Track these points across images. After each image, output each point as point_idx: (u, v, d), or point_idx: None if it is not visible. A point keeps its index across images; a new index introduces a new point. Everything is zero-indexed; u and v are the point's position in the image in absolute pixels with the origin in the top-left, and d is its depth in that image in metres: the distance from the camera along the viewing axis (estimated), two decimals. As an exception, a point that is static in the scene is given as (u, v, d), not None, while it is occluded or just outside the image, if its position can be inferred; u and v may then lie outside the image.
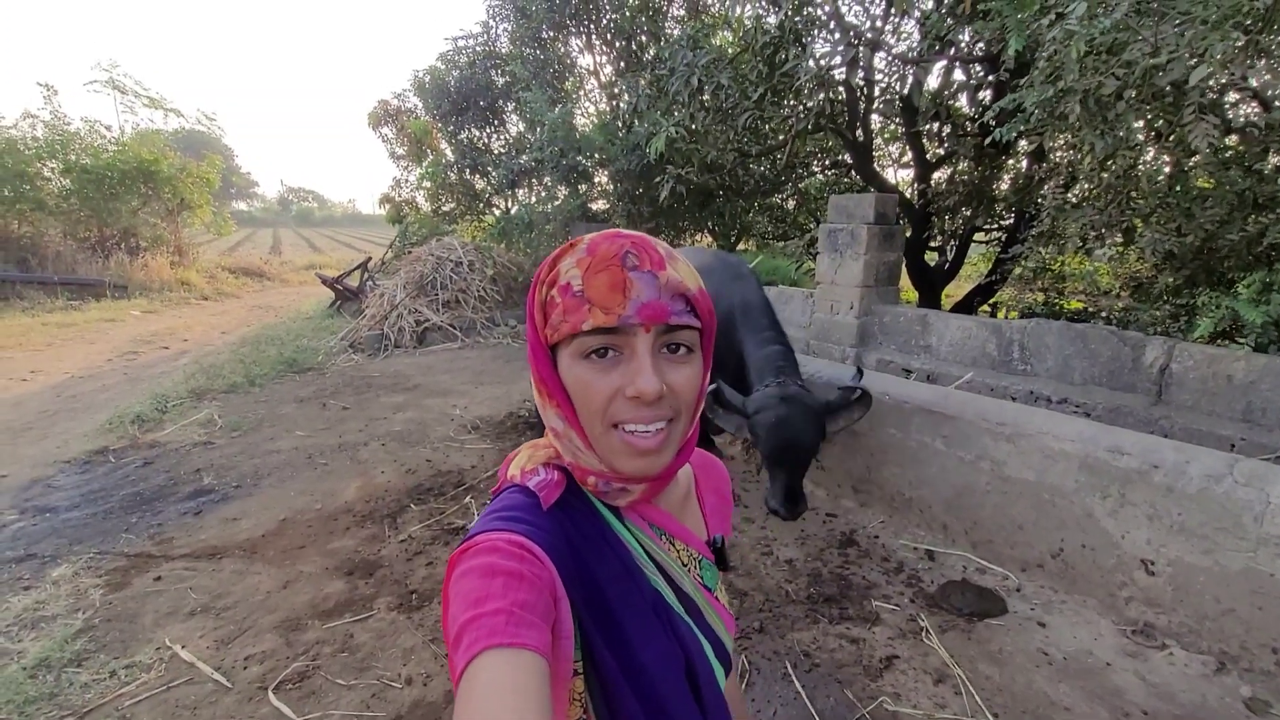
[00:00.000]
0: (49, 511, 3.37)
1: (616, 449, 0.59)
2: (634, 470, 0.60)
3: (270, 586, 2.66)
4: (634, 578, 0.64)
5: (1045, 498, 2.55)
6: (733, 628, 0.74)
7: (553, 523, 0.60)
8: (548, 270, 0.60)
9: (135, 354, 7.40)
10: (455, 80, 10.20)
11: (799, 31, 4.13)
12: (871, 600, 2.53)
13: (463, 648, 0.46)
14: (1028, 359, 3.56)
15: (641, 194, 7.11)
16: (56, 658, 2.20)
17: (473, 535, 0.56)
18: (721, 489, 0.84)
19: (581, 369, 0.58)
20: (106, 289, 11.02)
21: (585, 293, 0.56)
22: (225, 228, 16.32)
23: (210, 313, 10.78)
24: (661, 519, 0.69)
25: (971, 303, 5.81)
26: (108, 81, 12.87)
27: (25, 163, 11.40)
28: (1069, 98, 2.45)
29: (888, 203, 4.24)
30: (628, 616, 0.61)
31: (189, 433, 4.50)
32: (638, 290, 0.56)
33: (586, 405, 0.59)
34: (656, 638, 0.62)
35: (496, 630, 0.47)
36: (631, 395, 0.56)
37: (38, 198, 11.58)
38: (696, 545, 0.72)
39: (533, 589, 0.51)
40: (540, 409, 0.64)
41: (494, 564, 0.51)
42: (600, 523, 0.65)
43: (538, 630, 0.49)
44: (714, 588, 0.72)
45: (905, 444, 3.07)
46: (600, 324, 0.55)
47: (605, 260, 0.57)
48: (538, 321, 0.61)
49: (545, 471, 0.63)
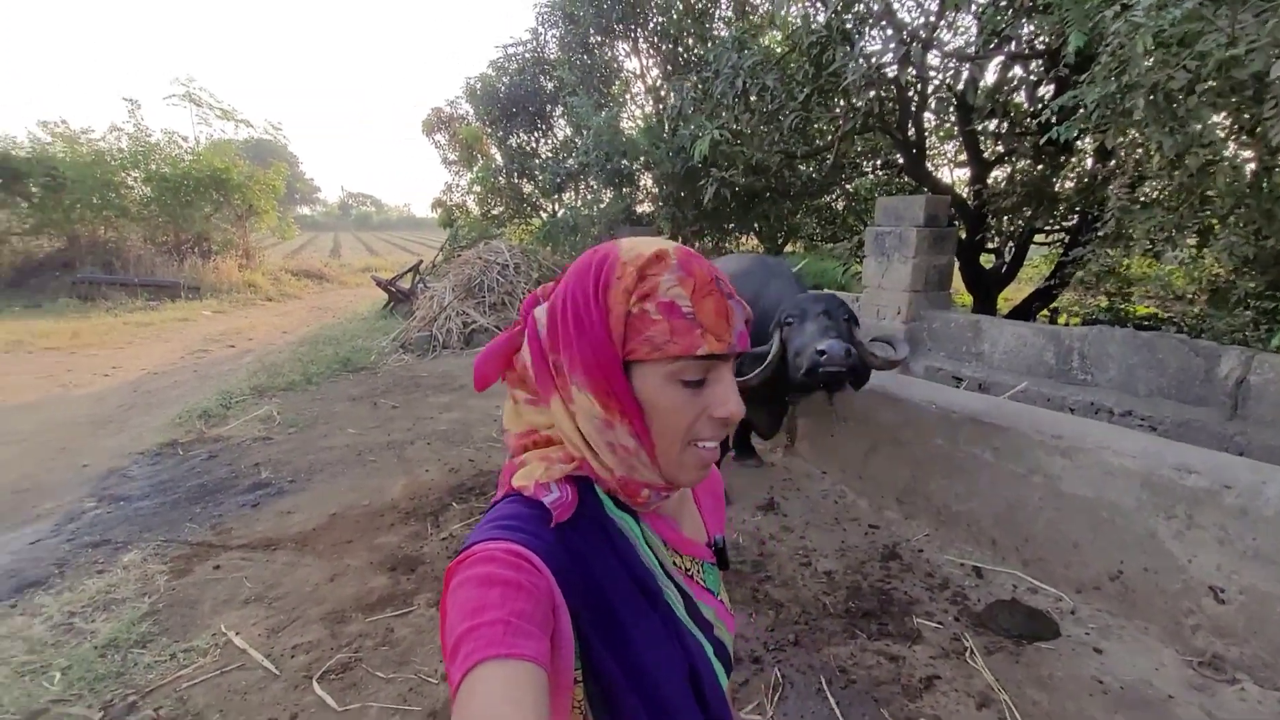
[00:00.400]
0: (123, 500, 3.61)
1: (689, 463, 0.61)
2: (694, 480, 0.62)
3: (319, 579, 2.77)
4: (640, 582, 0.63)
5: (1104, 516, 2.41)
6: (733, 627, 0.74)
7: (553, 532, 0.59)
8: (637, 281, 0.57)
9: (205, 352, 7.85)
10: (505, 86, 10.43)
11: (847, 30, 4.03)
12: (913, 617, 2.45)
13: (460, 658, 0.46)
14: (1088, 368, 3.37)
15: (686, 197, 7.09)
16: (124, 639, 2.35)
17: (470, 545, 0.55)
18: (715, 490, 0.85)
19: (675, 392, 0.58)
20: (181, 290, 11.73)
21: (697, 317, 0.56)
22: (289, 232, 17.13)
23: (273, 313, 11.33)
24: (666, 527, 0.69)
25: (1030, 308, 5.55)
26: (185, 95, 13.68)
27: (112, 173, 12.27)
28: (1134, 93, 2.31)
29: (939, 204, 4.10)
30: (631, 620, 0.60)
31: (250, 428, 4.73)
32: (736, 318, 0.59)
33: (673, 426, 0.59)
34: (660, 641, 0.62)
35: (494, 641, 0.46)
36: (722, 416, 0.59)
37: (122, 205, 12.45)
38: (698, 551, 0.72)
39: (530, 598, 0.51)
40: (598, 426, 0.60)
41: (491, 573, 0.51)
42: (616, 533, 0.64)
43: (536, 640, 0.48)
44: (716, 590, 0.73)
45: (953, 455, 2.96)
46: (714, 350, 0.56)
47: (706, 284, 0.58)
48: (614, 333, 0.57)
49: (559, 489, 0.61)
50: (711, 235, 9.27)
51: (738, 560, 2.88)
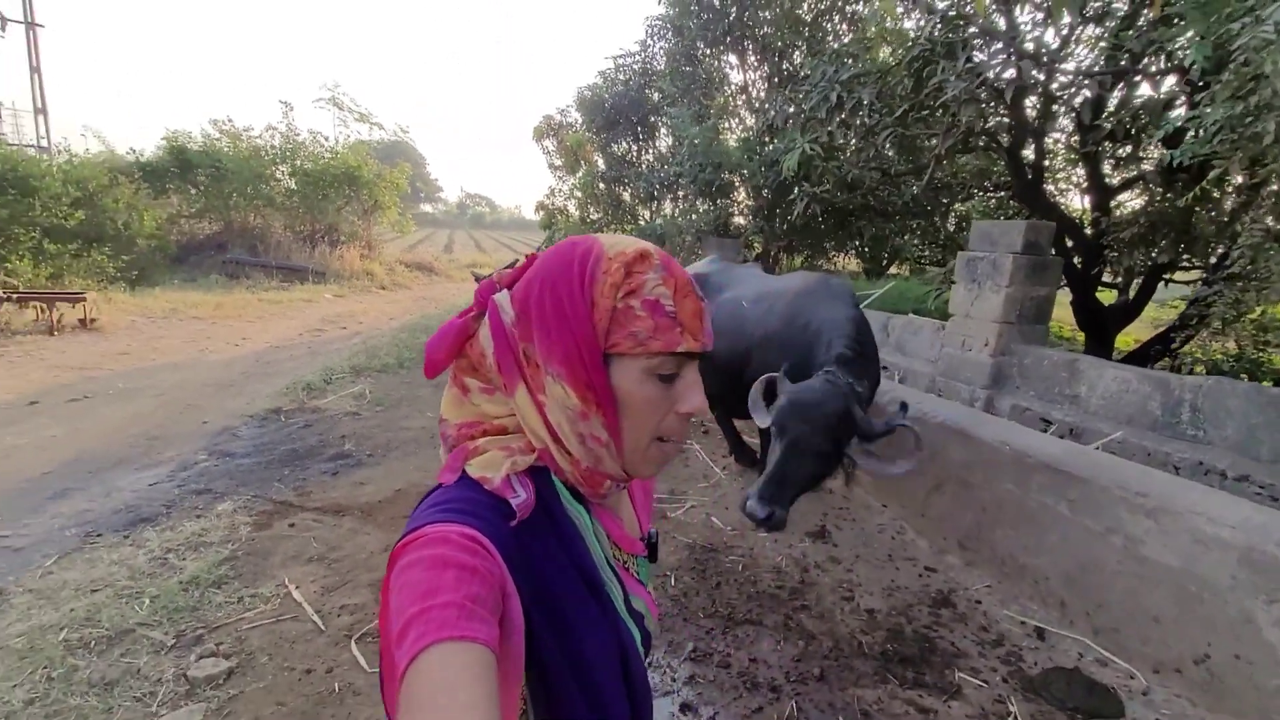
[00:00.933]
0: (228, 456, 4.05)
1: (653, 458, 0.63)
2: (652, 474, 0.65)
3: (375, 547, 2.98)
4: (586, 573, 0.63)
5: (1191, 590, 2.13)
6: (656, 614, 0.77)
7: (505, 521, 0.58)
8: (624, 276, 0.59)
9: (320, 331, 8.64)
10: (611, 96, 10.73)
11: (951, 43, 3.82)
12: (956, 670, 2.27)
13: (410, 640, 0.45)
14: (1200, 423, 2.98)
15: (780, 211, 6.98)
16: (205, 578, 2.64)
17: (418, 527, 0.54)
18: (647, 486, 0.87)
19: (650, 387, 0.60)
20: (309, 274, 12.98)
21: (678, 316, 0.59)
22: (406, 227, 18.49)
23: (385, 300, 12.29)
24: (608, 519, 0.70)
25: (1148, 351, 4.97)
26: (330, 100, 15.17)
27: (265, 166, 13.82)
28: (1266, 115, 2.03)
29: (1041, 231, 3.77)
30: (574, 610, 0.61)
31: (343, 403, 5.16)
32: (707, 320, 0.62)
33: (644, 420, 0.60)
34: (599, 630, 0.63)
35: (448, 623, 0.45)
36: (687, 410, 0.61)
37: (270, 195, 13.97)
38: (633, 547, 0.74)
39: (485, 584, 0.50)
40: (570, 414, 0.60)
41: (445, 555, 0.50)
42: (557, 519, 0.63)
43: (489, 625, 0.48)
44: (647, 582, 0.75)
45: (1024, 503, 2.72)
46: (691, 349, 0.59)
47: (685, 285, 0.60)
48: (599, 326, 0.58)
49: (523, 488, 0.60)
50: (804, 251, 9.05)
51: (776, 585, 2.80)
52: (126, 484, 3.62)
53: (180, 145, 13.19)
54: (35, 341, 6.91)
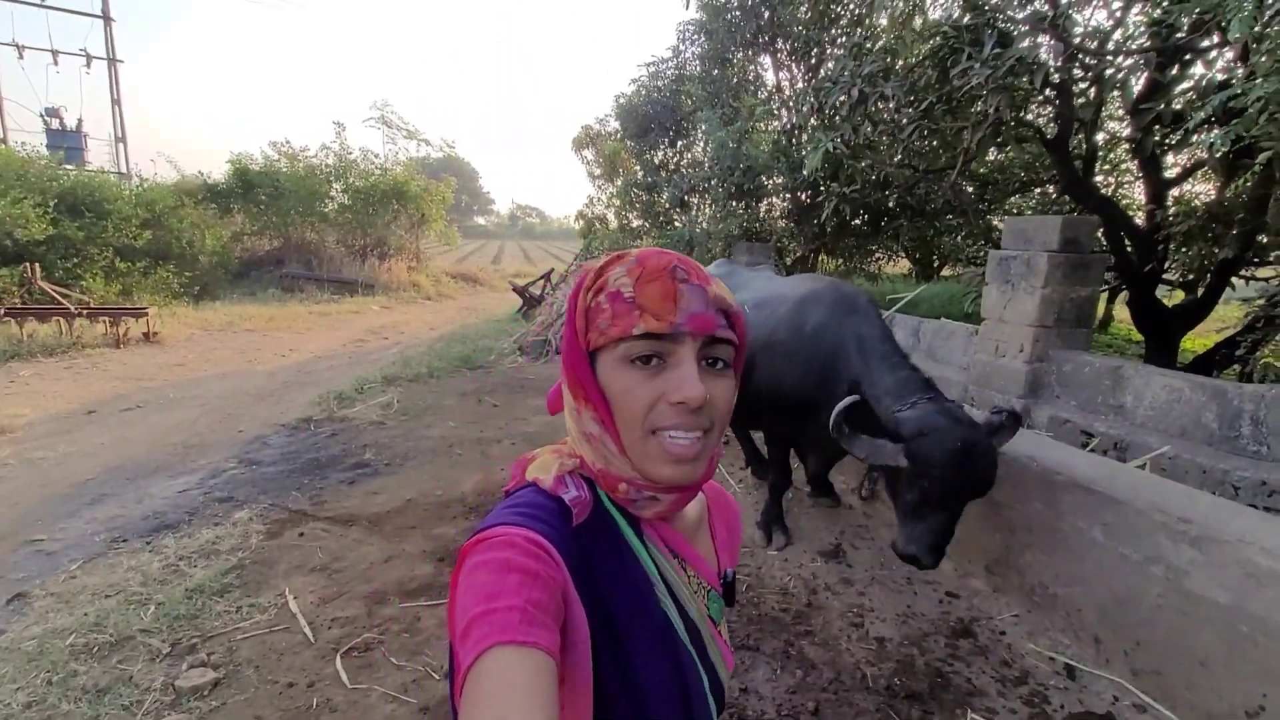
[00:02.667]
0: (255, 464, 4.17)
1: (654, 454, 0.60)
2: (669, 477, 0.60)
3: (375, 558, 2.98)
4: (644, 597, 0.63)
5: (1244, 631, 1.87)
6: (731, 664, 0.72)
7: (569, 527, 0.60)
8: (594, 278, 0.62)
9: (363, 341, 8.91)
10: (646, 103, 10.72)
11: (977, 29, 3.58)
12: (969, 710, 2.08)
13: (472, 641, 0.46)
14: (1263, 438, 2.65)
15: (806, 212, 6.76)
16: (210, 586, 2.69)
17: (487, 527, 0.56)
18: (733, 524, 0.84)
19: (626, 374, 0.59)
20: (359, 287, 13.48)
21: (637, 299, 0.58)
22: (452, 239, 19.00)
23: (429, 311, 12.62)
24: (677, 541, 0.69)
25: (1213, 357, 4.51)
26: (380, 119, 15.76)
27: (319, 184, 14.46)
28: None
29: (1082, 226, 3.47)
30: (633, 634, 0.60)
31: (371, 412, 5.27)
32: (688, 300, 0.58)
33: (628, 410, 0.59)
34: (658, 660, 0.61)
35: (508, 627, 0.46)
36: (677, 400, 0.57)
37: (324, 212, 14.61)
38: (708, 575, 0.71)
39: (546, 589, 0.51)
40: (573, 414, 0.65)
41: (510, 559, 0.51)
42: (618, 537, 0.64)
43: (549, 631, 0.49)
44: (719, 621, 0.72)
45: (1056, 526, 2.48)
46: (652, 329, 0.57)
47: (656, 271, 0.59)
48: (579, 327, 0.62)
49: (576, 487, 0.63)
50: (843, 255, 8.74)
51: (780, 608, 2.65)
52: (159, 491, 3.77)
53: (243, 167, 13.96)
54: (102, 354, 7.39)
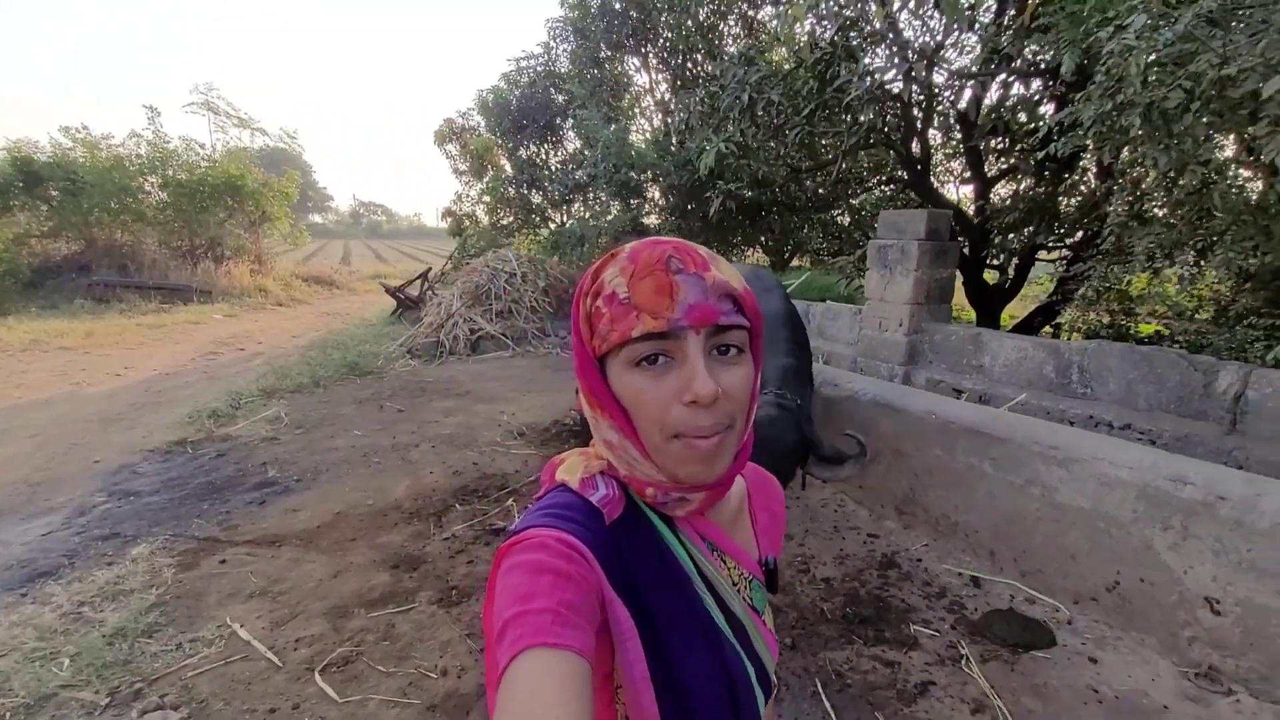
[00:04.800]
0: (133, 495, 3.66)
1: (677, 457, 0.58)
2: (693, 477, 0.58)
3: (322, 575, 2.81)
4: (684, 593, 0.62)
5: (1100, 527, 2.43)
6: (776, 653, 0.71)
7: (604, 526, 0.59)
8: (590, 282, 0.60)
9: (215, 354, 7.94)
10: (516, 99, 10.59)
11: (851, 47, 4.11)
12: (910, 624, 2.46)
13: (506, 643, 0.46)
14: (1088, 382, 3.39)
15: (692, 209, 7.18)
16: (131, 628, 2.39)
17: (521, 529, 0.55)
18: (775, 507, 0.80)
19: (634, 378, 0.57)
20: (193, 294, 11.88)
21: (632, 299, 0.55)
22: (301, 238, 17.35)
23: (283, 317, 11.46)
24: (714, 533, 0.67)
25: (1033, 323, 5.57)
26: (203, 103, 13.96)
27: (130, 178, 12.49)
28: (1130, 111, 2.36)
29: (940, 219, 4.14)
30: (673, 630, 0.60)
31: (258, 428, 4.79)
32: (684, 292, 0.55)
33: (644, 414, 0.57)
34: (701, 655, 0.61)
35: (541, 629, 0.46)
36: (688, 400, 0.55)
37: (138, 209, 12.65)
38: (748, 564, 0.70)
39: (579, 590, 0.51)
40: (592, 423, 0.63)
41: (542, 561, 0.51)
42: (654, 535, 0.63)
43: (582, 632, 0.49)
44: (762, 610, 0.70)
45: (952, 466, 2.98)
46: (650, 329, 0.54)
47: (649, 266, 0.56)
48: (584, 334, 0.60)
49: (605, 485, 0.62)
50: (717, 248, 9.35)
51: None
52: (13, 537, 3.19)
53: (25, 156, 11.67)
54: None
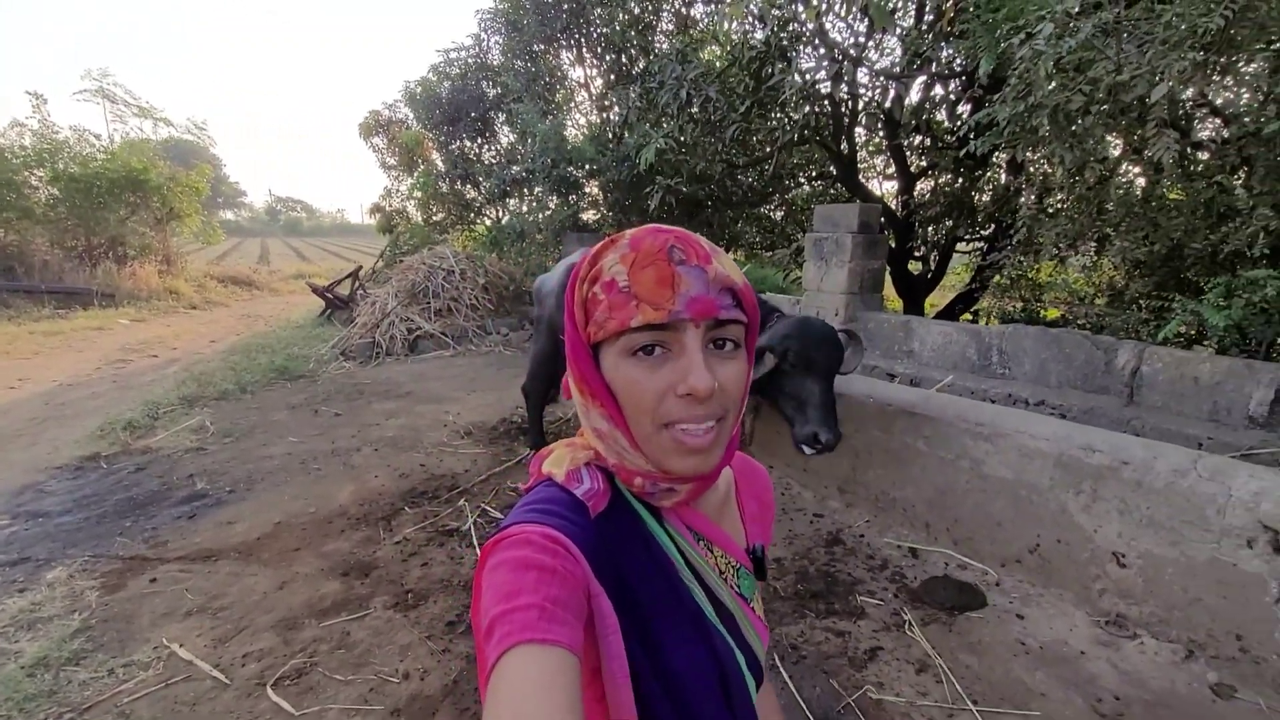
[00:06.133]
0: (41, 516, 3.38)
1: (667, 448, 0.58)
2: (684, 469, 0.59)
3: (266, 587, 2.69)
4: (671, 584, 0.62)
5: (1022, 495, 2.64)
6: (766, 638, 0.72)
7: (589, 519, 0.59)
8: (588, 267, 0.59)
9: (124, 362, 7.38)
10: (447, 91, 10.30)
11: (784, 47, 4.26)
12: (857, 596, 2.61)
13: (494, 640, 0.46)
14: (1006, 363, 3.68)
15: (631, 204, 7.23)
16: (54, 657, 2.22)
17: (506, 526, 0.55)
18: (763, 496, 0.81)
19: (629, 367, 0.56)
20: (94, 298, 10.96)
21: (632, 288, 0.55)
22: (214, 236, 16.29)
23: (199, 321, 10.75)
24: (701, 524, 0.67)
25: (954, 311, 5.95)
26: (97, 91, 12.87)
27: (12, 171, 11.36)
28: (1039, 113, 2.59)
29: (871, 212, 4.37)
30: (662, 621, 0.60)
31: (181, 439, 4.51)
32: (686, 285, 0.55)
33: (636, 405, 0.57)
34: (690, 645, 0.61)
35: (528, 625, 0.46)
36: (684, 393, 0.55)
37: (24, 206, 11.53)
38: (735, 553, 0.70)
39: (565, 585, 0.50)
40: (582, 411, 0.63)
41: (527, 557, 0.51)
42: (640, 526, 0.63)
43: (570, 628, 0.48)
44: (750, 598, 0.70)
45: (889, 445, 3.16)
46: (650, 320, 0.54)
47: (651, 255, 0.55)
48: (579, 320, 0.60)
49: (590, 478, 0.62)
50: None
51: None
52: (-100, 568, 2.89)
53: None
54: None
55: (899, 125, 4.92)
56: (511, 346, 7.77)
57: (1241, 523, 2.06)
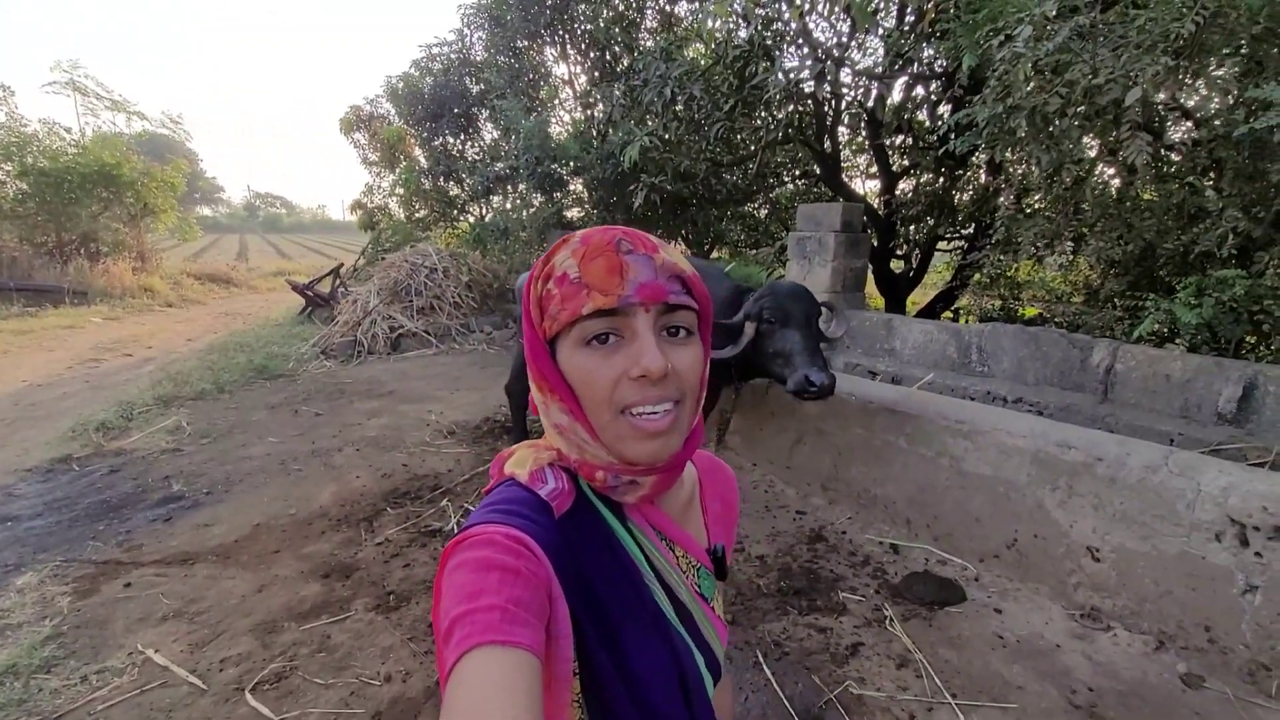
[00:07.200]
0: (10, 520, 3.30)
1: (626, 434, 0.58)
2: (644, 455, 0.59)
3: (245, 591, 2.65)
4: (635, 586, 0.63)
5: (1000, 491, 2.69)
6: (725, 638, 0.72)
7: (552, 519, 0.59)
8: (542, 266, 0.60)
9: (97, 361, 7.22)
10: (429, 87, 10.20)
11: (768, 46, 4.28)
12: (839, 592, 2.63)
13: (454, 642, 0.45)
14: (985, 361, 3.73)
15: (616, 202, 7.21)
16: (24, 664, 2.17)
17: (468, 527, 0.55)
18: (728, 496, 0.81)
19: (583, 356, 0.57)
20: (65, 295, 10.71)
21: (583, 278, 0.56)
22: (191, 233, 15.98)
23: (175, 319, 10.55)
24: (663, 523, 0.68)
25: (934, 309, 6.02)
26: (68, 83, 12.53)
27: (-22, 165, 11.07)
28: (1017, 114, 2.63)
29: (854, 211, 4.40)
30: (625, 622, 0.60)
31: (156, 440, 4.42)
32: (635, 271, 0.56)
33: (592, 392, 0.58)
34: (652, 647, 0.61)
35: (490, 627, 0.46)
36: (637, 374, 0.56)
37: (-9, 201, 11.24)
38: (697, 553, 0.70)
39: (528, 586, 0.50)
40: (541, 407, 0.63)
41: (489, 558, 0.50)
42: (603, 526, 0.63)
43: (532, 629, 0.48)
44: (710, 597, 0.71)
45: (870, 443, 3.20)
46: (600, 306, 0.55)
47: (599, 248, 0.57)
48: (534, 317, 0.61)
49: (555, 479, 0.62)
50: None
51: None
52: None
53: None
54: None
55: (881, 125, 4.97)
56: (495, 345, 7.73)
57: (1210, 517, 2.11)
